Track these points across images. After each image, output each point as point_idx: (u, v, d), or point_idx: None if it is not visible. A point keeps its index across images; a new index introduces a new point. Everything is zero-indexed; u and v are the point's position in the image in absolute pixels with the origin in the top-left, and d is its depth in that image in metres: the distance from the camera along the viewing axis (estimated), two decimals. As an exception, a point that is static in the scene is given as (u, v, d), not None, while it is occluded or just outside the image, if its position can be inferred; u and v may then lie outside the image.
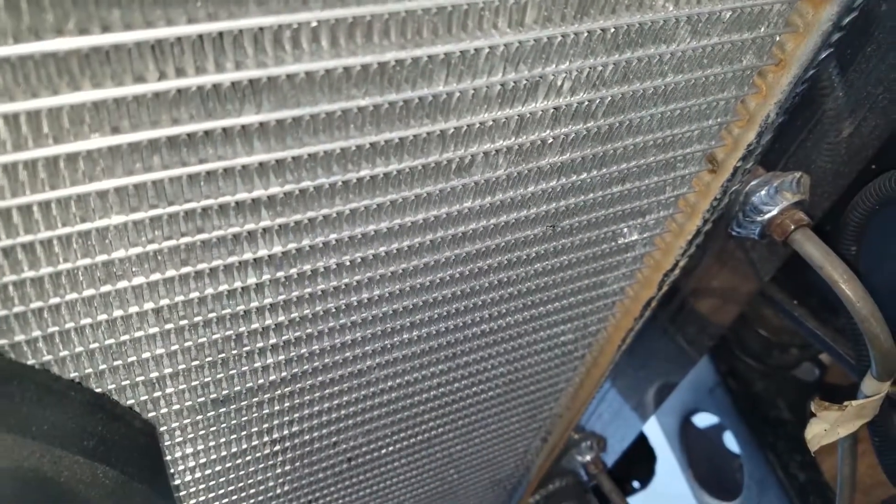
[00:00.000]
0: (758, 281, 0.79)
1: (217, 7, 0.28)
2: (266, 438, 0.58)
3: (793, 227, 0.59)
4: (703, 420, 1.36)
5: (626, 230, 0.57)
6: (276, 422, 0.56)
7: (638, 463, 1.34)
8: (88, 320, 0.38)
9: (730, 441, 1.34)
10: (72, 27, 0.26)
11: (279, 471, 0.64)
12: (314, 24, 0.30)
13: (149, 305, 0.39)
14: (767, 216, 0.60)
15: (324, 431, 0.62)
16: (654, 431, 1.40)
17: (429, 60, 0.35)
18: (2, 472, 0.38)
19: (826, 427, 0.66)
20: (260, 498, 0.66)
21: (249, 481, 0.63)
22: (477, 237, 0.49)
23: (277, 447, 0.60)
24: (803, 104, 0.55)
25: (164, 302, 0.39)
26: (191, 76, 0.29)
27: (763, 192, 0.59)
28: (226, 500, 0.63)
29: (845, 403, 0.64)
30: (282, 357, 0.50)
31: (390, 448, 0.72)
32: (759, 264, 0.77)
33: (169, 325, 0.41)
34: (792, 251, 0.70)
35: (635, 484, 1.38)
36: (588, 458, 0.98)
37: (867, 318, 0.57)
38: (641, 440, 1.34)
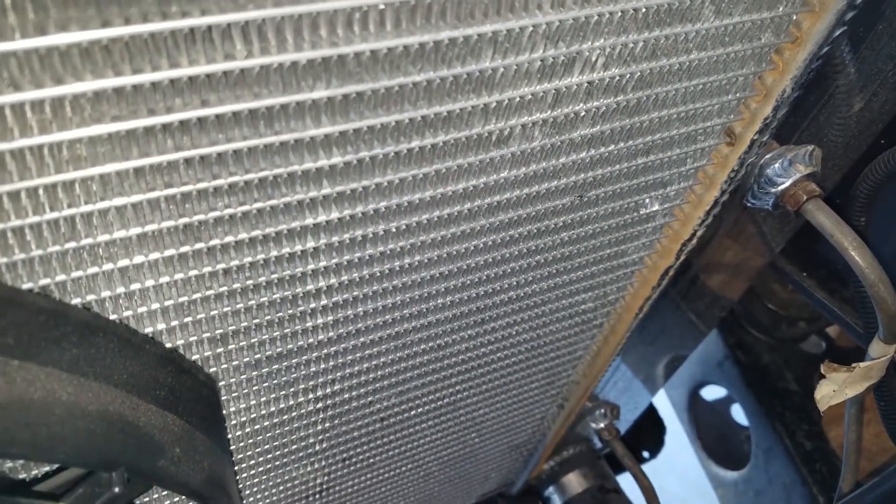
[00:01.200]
0: (769, 253, 0.83)
1: (299, -8, 0.31)
2: (310, 396, 0.62)
3: (805, 197, 0.62)
4: (711, 393, 1.40)
5: (647, 201, 0.60)
6: (320, 380, 0.61)
7: (647, 433, 1.39)
8: (166, 279, 0.42)
9: (737, 413, 1.38)
10: (175, 10, 0.30)
11: (319, 428, 0.68)
12: (381, 6, 0.34)
13: (221, 266, 0.43)
14: (781, 187, 0.63)
15: (361, 391, 0.66)
16: (663, 404, 1.44)
17: (478, 39, 0.38)
18: (92, 414, 0.42)
19: (835, 388, 0.70)
20: (300, 454, 0.71)
21: (292, 437, 0.67)
22: (510, 206, 0.53)
23: (319, 405, 0.64)
24: (817, 80, 0.58)
25: (234, 263, 0.43)
26: (273, 55, 0.33)
27: (777, 165, 0.62)
28: (269, 455, 0.68)
29: (853, 365, 0.67)
30: (330, 318, 0.54)
31: (420, 409, 0.76)
32: (770, 236, 0.80)
33: (236, 285, 0.45)
34: (803, 222, 0.73)
35: (644, 454, 1.43)
36: (602, 424, 1.02)
37: (875, 283, 0.61)
38: (651, 411, 1.38)
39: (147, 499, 0.62)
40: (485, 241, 0.55)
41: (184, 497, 0.61)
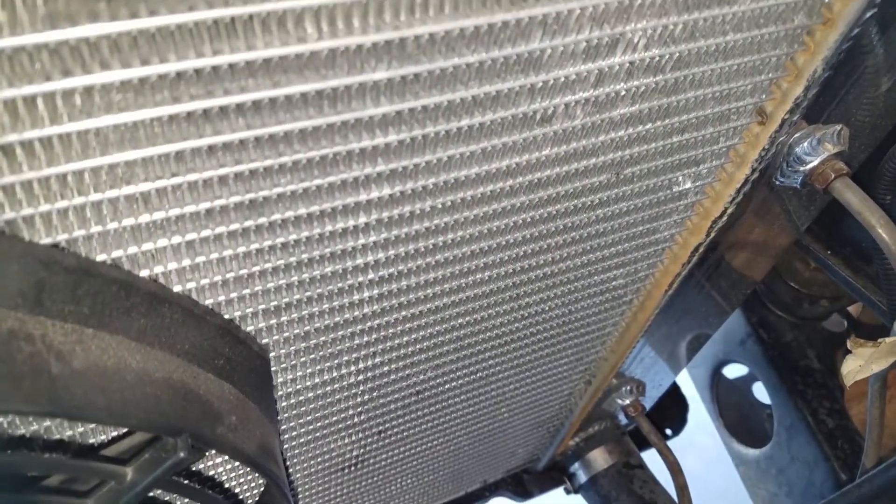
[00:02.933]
0: (794, 232, 0.84)
1: (367, -23, 0.33)
2: (353, 368, 0.64)
3: (833, 175, 0.64)
4: (734, 371, 1.42)
5: (680, 178, 0.62)
6: (363, 352, 0.63)
7: (671, 411, 1.41)
8: (229, 251, 0.44)
9: (759, 392, 1.40)
10: (255, -4, 0.32)
11: (358, 400, 0.71)
12: (442, -9, 0.35)
13: (280, 240, 0.45)
14: (809, 166, 0.64)
15: (400, 364, 0.69)
16: (686, 382, 1.46)
17: (529, 21, 0.40)
18: (158, 381, 0.44)
19: (861, 363, 0.71)
20: (340, 425, 0.73)
21: (333, 409, 0.70)
22: (550, 183, 0.55)
23: (361, 377, 0.67)
24: (845, 60, 0.60)
25: (292, 237, 0.45)
26: (341, 37, 0.35)
27: (806, 144, 0.64)
28: (311, 426, 0.70)
29: (879, 340, 0.69)
30: (376, 292, 0.56)
31: (453, 384, 0.79)
32: (796, 215, 0.82)
33: (292, 259, 0.47)
34: (828, 200, 0.74)
35: (668, 431, 1.45)
36: (628, 401, 1.04)
37: (902, 258, 0.62)
38: (674, 389, 1.40)
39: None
40: (524, 218, 0.57)
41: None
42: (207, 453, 0.52)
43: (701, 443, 1.84)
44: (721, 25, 0.48)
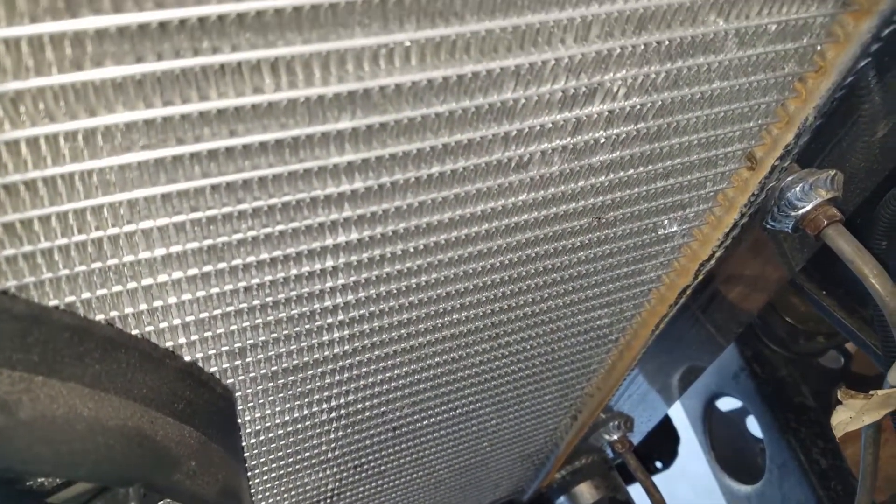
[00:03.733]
0: (788, 271, 0.82)
1: (328, 31, 0.32)
2: (324, 406, 0.63)
3: (825, 222, 0.62)
4: (727, 404, 1.40)
5: (666, 222, 0.60)
6: (335, 391, 0.61)
7: (661, 443, 1.38)
8: (188, 296, 0.43)
9: (752, 425, 1.37)
10: (206, 46, 0.31)
11: (332, 436, 0.69)
12: (407, 43, 0.34)
13: (242, 284, 0.44)
14: (801, 211, 0.63)
15: (375, 401, 0.67)
16: (678, 413, 1.44)
17: (501, 71, 0.38)
18: (112, 430, 0.43)
19: (852, 414, 0.69)
20: (312, 461, 0.72)
21: (305, 445, 0.68)
22: (528, 227, 0.53)
23: (333, 414, 0.65)
24: (840, 105, 0.58)
25: (255, 281, 0.44)
26: (301, 88, 0.33)
27: (798, 189, 0.62)
28: (282, 461, 0.69)
29: (871, 392, 0.67)
30: (346, 332, 0.54)
31: (432, 419, 0.77)
32: (791, 255, 0.80)
33: (256, 302, 0.46)
34: (821, 244, 0.72)
35: (658, 464, 1.43)
36: (615, 437, 1.02)
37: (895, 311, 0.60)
38: (665, 421, 1.38)
39: None
40: (501, 260, 0.56)
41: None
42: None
43: (693, 471, 1.81)
44: (706, 73, 0.47)
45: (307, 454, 0.70)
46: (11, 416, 0.37)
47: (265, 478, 0.69)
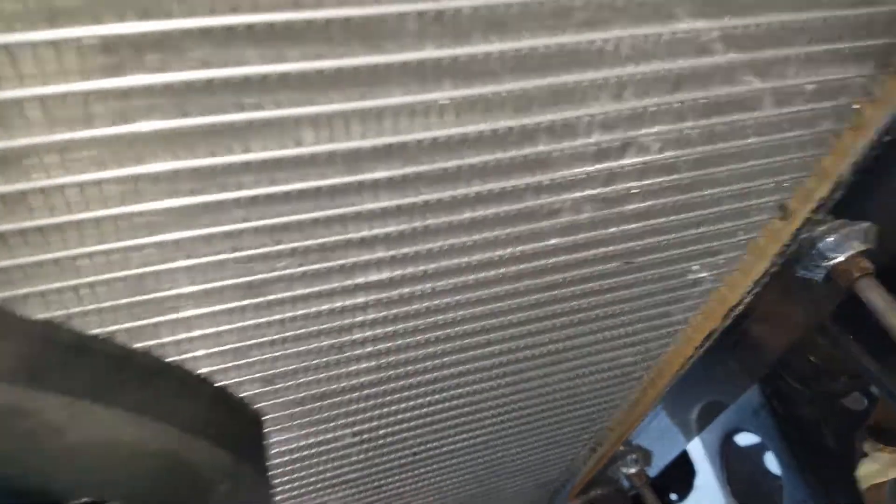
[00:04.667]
0: (818, 317, 0.81)
1: (369, 88, 0.33)
2: (348, 430, 0.64)
3: (857, 274, 0.61)
4: (745, 439, 1.38)
5: (696, 267, 0.60)
6: (359, 417, 0.63)
7: (677, 476, 1.37)
8: (226, 326, 0.45)
9: (770, 462, 1.35)
10: (250, 102, 0.32)
11: (354, 459, 0.70)
12: (444, 101, 0.35)
13: (276, 317, 0.45)
14: (833, 262, 0.62)
15: (397, 428, 0.68)
16: (695, 446, 1.42)
17: (535, 126, 0.39)
18: (151, 455, 0.44)
19: (878, 467, 0.68)
20: (334, 482, 0.73)
21: (328, 467, 0.69)
22: (557, 270, 0.54)
23: (356, 438, 0.66)
24: (877, 160, 0.58)
25: (289, 314, 0.45)
26: (340, 142, 0.35)
27: (831, 240, 0.61)
28: (305, 482, 0.70)
29: (897, 446, 0.66)
30: (373, 363, 0.55)
31: (452, 447, 0.78)
32: (821, 301, 0.79)
33: (289, 333, 0.47)
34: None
35: (673, 496, 1.41)
36: (633, 470, 1.02)
37: (926, 368, 0.59)
38: (682, 455, 1.36)
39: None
40: (528, 300, 0.56)
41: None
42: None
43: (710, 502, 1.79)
44: (742, 129, 0.47)
45: (329, 475, 0.71)
46: (61, 439, 0.39)
47: (286, 495, 0.71)
